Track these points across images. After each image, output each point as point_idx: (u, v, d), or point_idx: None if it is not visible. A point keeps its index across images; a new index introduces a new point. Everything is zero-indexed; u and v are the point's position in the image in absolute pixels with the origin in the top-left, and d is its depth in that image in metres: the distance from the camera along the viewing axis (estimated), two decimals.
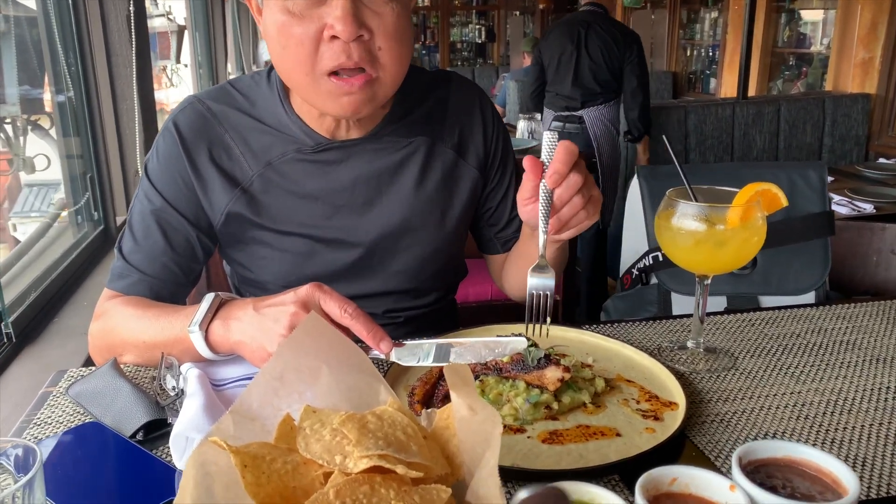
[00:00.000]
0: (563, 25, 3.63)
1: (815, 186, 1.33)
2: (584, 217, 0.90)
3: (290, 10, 0.90)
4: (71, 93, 2.16)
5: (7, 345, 1.40)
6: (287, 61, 0.94)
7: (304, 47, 0.91)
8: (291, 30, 0.91)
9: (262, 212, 1.06)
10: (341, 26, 0.88)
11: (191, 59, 5.35)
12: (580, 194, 0.88)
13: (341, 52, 0.90)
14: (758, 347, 1.02)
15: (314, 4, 0.89)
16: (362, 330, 0.80)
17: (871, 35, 3.96)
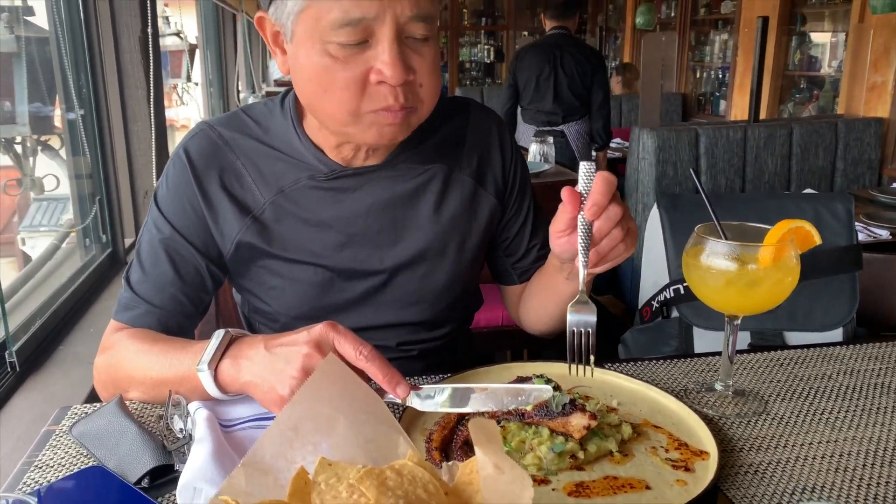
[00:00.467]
0: (536, 48, 3.98)
1: (842, 219, 1.29)
2: (622, 250, 0.87)
3: (332, 53, 0.88)
4: (82, 111, 2.15)
5: (10, 374, 1.36)
6: (328, 103, 0.91)
7: (350, 91, 0.89)
8: (335, 74, 0.88)
9: (273, 240, 1.03)
10: (390, 72, 0.86)
11: (201, 77, 5.38)
12: (619, 227, 0.85)
13: (388, 95, 0.89)
14: (788, 390, 0.98)
15: (359, 50, 0.87)
16: (378, 373, 0.77)
17: (884, 59, 3.94)
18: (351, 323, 1.06)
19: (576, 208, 0.85)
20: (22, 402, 1.31)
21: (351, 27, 0.85)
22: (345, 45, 0.87)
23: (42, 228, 2.65)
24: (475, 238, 1.11)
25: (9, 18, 2.02)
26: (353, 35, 0.86)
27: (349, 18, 0.85)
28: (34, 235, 2.66)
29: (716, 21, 5.78)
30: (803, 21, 4.80)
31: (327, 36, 0.87)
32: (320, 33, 0.87)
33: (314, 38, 0.88)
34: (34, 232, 2.65)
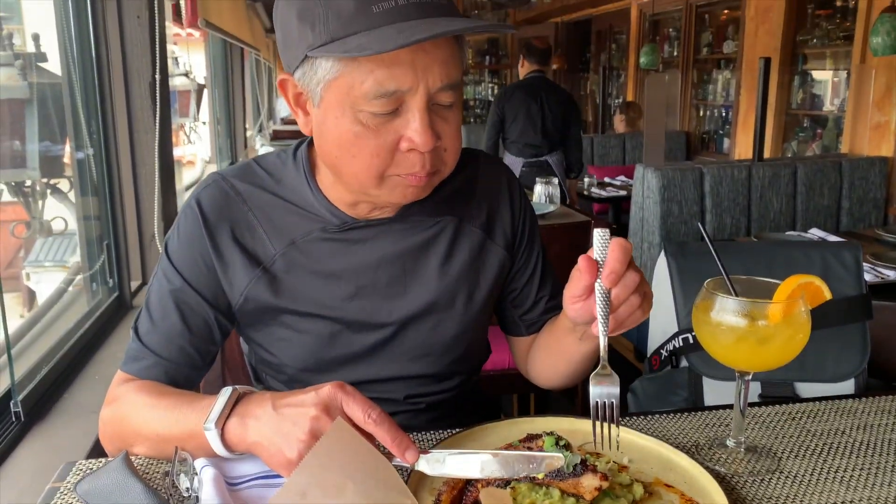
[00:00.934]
0: (523, 88, 4.47)
1: (850, 268, 1.29)
2: (639, 315, 0.88)
3: (363, 122, 0.89)
4: (91, 154, 2.17)
5: (15, 424, 1.36)
6: (355, 167, 0.93)
7: (380, 157, 0.91)
8: (366, 141, 0.90)
9: (283, 292, 1.03)
10: (420, 139, 0.89)
11: (209, 116, 5.44)
12: (637, 293, 0.85)
13: (416, 162, 0.91)
14: (800, 446, 0.97)
15: (390, 118, 0.89)
16: (387, 437, 0.76)
17: (887, 99, 3.97)
18: (359, 375, 1.06)
19: (593, 276, 0.85)
20: (26, 453, 1.29)
21: (385, 98, 0.87)
22: (376, 115, 0.88)
23: (47, 264, 2.66)
24: (484, 290, 1.11)
25: (22, 65, 2.06)
26: (386, 105, 0.87)
27: (383, 90, 0.86)
28: (39, 271, 2.68)
29: (718, 60, 5.85)
30: (805, 60, 4.85)
31: (359, 104, 0.88)
32: (352, 102, 0.88)
33: (345, 106, 0.89)
34: (39, 268, 2.66)
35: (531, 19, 9.23)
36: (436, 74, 0.88)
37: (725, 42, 5.66)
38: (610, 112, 6.58)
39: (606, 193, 4.48)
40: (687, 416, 1.06)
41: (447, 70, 0.89)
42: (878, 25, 3.28)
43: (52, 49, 2.12)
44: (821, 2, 4.71)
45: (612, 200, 4.47)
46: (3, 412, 1.36)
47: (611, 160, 5.51)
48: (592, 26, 8.27)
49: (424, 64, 0.87)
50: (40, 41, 2.21)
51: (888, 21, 3.25)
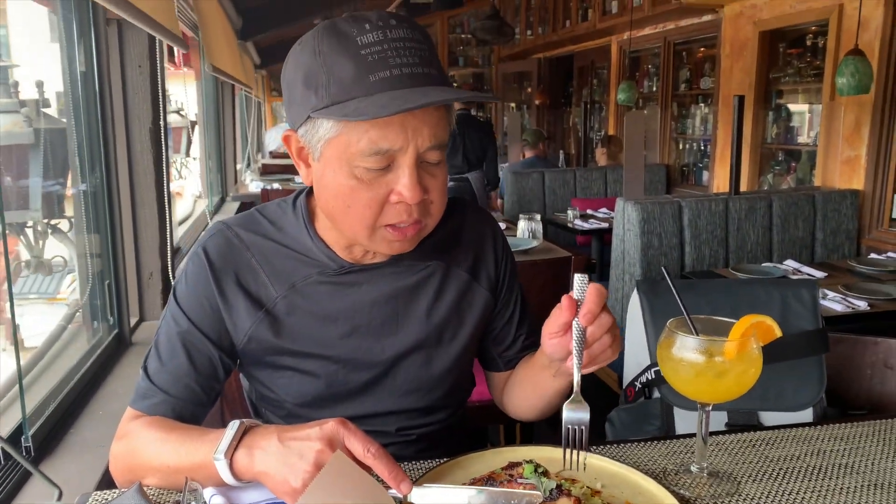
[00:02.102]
0: None
1: (807, 304, 1.39)
2: (609, 354, 0.98)
3: (358, 176, 0.99)
4: (93, 195, 2.26)
5: (26, 459, 1.42)
6: (350, 218, 1.03)
7: (371, 209, 1.01)
8: (360, 194, 1.00)
9: (283, 333, 1.12)
10: (409, 193, 0.99)
11: (200, 151, 5.53)
12: (609, 333, 0.96)
13: (403, 212, 1.01)
14: (759, 471, 1.06)
15: (382, 173, 0.99)
16: (384, 470, 0.85)
17: (856, 134, 4.13)
18: (354, 411, 1.15)
19: (572, 314, 0.95)
20: (37, 488, 1.35)
21: (378, 155, 0.97)
22: (370, 170, 0.98)
23: (31, 296, 2.71)
24: (469, 328, 1.20)
25: (28, 112, 2.15)
26: (379, 162, 0.98)
27: (377, 149, 0.97)
28: (23, 303, 2.72)
29: (696, 95, 6.04)
30: (779, 95, 5.03)
31: (355, 161, 0.98)
32: (349, 158, 0.98)
33: (342, 161, 0.99)
34: (23, 300, 2.71)
35: (514, 55, 9.45)
36: (425, 136, 0.98)
37: (703, 78, 5.85)
38: (592, 145, 6.74)
39: (589, 226, 4.60)
40: (657, 445, 1.15)
41: (435, 132, 0.99)
42: (842, 67, 3.45)
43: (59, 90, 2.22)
44: (792, 41, 4.90)
45: (595, 232, 4.58)
46: (15, 447, 1.42)
47: (593, 192, 5.65)
48: (574, 62, 8.47)
49: (414, 127, 0.97)
50: (44, 87, 2.30)
51: (852, 63, 3.41)
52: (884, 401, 1.48)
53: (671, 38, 6.13)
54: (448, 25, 10.30)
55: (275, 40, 7.43)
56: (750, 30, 4.98)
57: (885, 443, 1.14)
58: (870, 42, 3.84)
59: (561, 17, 7.54)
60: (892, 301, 2.79)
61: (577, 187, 5.63)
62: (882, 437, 1.16)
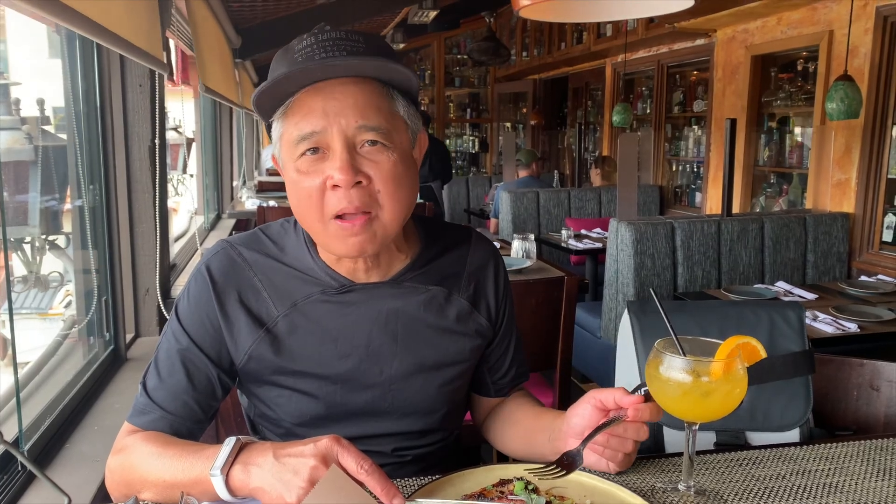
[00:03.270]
0: None
1: (794, 326, 1.42)
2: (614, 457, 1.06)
3: (299, 169, 1.05)
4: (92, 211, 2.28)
5: (21, 473, 1.43)
6: (301, 211, 1.07)
7: (312, 199, 1.04)
8: (301, 185, 1.05)
9: (283, 352, 1.13)
10: (340, 175, 1.01)
11: (197, 168, 5.55)
12: (633, 447, 1.05)
13: (343, 198, 1.03)
14: (745, 490, 1.08)
15: (318, 161, 1.04)
16: (377, 486, 0.86)
17: (846, 158, 4.19)
18: (351, 432, 1.16)
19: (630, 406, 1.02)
20: (34, 500, 1.36)
21: (306, 140, 1.03)
22: (306, 158, 1.03)
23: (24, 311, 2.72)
24: (468, 355, 1.22)
25: (28, 129, 2.18)
26: (308, 145, 1.03)
27: (303, 133, 1.02)
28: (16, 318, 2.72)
29: (689, 118, 6.11)
30: (771, 119, 5.09)
31: (292, 153, 1.05)
32: (290, 153, 1.05)
33: (288, 159, 1.06)
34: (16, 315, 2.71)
35: (510, 76, 9.55)
36: (348, 117, 1.02)
37: (696, 101, 5.92)
38: (586, 166, 6.80)
39: (583, 245, 4.63)
40: (645, 463, 1.16)
41: (361, 112, 1.03)
42: (832, 92, 3.50)
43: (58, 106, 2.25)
44: (783, 66, 4.98)
45: (589, 252, 4.62)
46: (11, 461, 1.43)
47: (587, 213, 5.69)
48: (569, 83, 8.57)
49: (335, 107, 1.02)
50: (45, 105, 2.33)
51: (841, 89, 3.47)
52: (869, 422, 1.51)
53: (665, 61, 6.21)
54: (445, 46, 10.41)
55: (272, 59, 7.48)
56: (742, 54, 5.06)
57: (870, 463, 1.16)
58: (859, 67, 3.91)
59: (556, 39, 7.64)
60: (881, 323, 2.82)
61: (571, 207, 5.67)
62: (866, 457, 1.18)
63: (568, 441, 1.06)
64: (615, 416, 1.03)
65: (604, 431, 1.03)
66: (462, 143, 10.86)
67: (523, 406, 1.28)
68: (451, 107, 10.75)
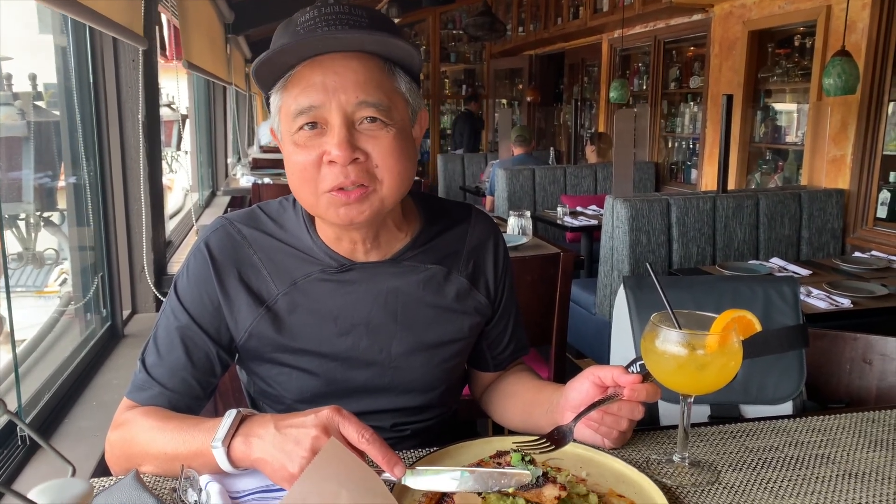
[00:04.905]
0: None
1: (788, 300, 1.43)
2: (608, 433, 1.07)
3: (296, 142, 1.04)
4: (86, 188, 2.27)
5: (21, 448, 1.44)
6: (296, 184, 1.07)
7: (308, 172, 1.04)
8: (298, 158, 1.04)
9: (284, 330, 1.14)
10: (337, 151, 1.00)
11: (191, 145, 5.52)
12: (629, 425, 1.07)
13: (340, 174, 1.02)
14: (739, 461, 1.09)
15: (316, 136, 1.03)
16: (378, 454, 0.87)
17: (842, 134, 4.19)
18: (350, 408, 1.16)
19: (628, 384, 1.03)
20: (33, 475, 1.37)
21: (304, 115, 1.02)
22: (304, 132, 1.03)
23: (19, 289, 2.72)
24: (467, 333, 1.22)
25: (21, 105, 2.16)
26: (306, 119, 1.02)
27: (301, 107, 1.01)
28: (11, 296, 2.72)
29: (685, 94, 6.09)
30: (767, 95, 5.08)
31: (291, 126, 1.04)
32: (288, 126, 1.04)
33: (286, 132, 1.05)
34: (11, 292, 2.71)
35: (506, 51, 9.48)
36: (348, 93, 1.01)
37: (692, 77, 5.90)
38: (582, 143, 6.78)
39: (578, 223, 4.64)
40: (641, 435, 1.18)
41: (362, 88, 1.02)
42: (829, 68, 3.49)
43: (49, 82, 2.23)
44: (780, 41, 4.96)
45: (584, 229, 4.62)
46: (11, 436, 1.44)
47: (583, 189, 5.69)
48: (565, 59, 8.51)
49: (334, 84, 1.01)
50: (37, 80, 2.31)
51: (839, 64, 3.46)
52: (861, 394, 1.53)
53: (661, 36, 6.17)
54: (440, 21, 10.32)
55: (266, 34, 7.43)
56: (739, 29, 5.03)
57: (861, 434, 1.18)
58: (856, 43, 3.89)
59: (552, 14, 7.58)
60: (875, 299, 2.84)
61: (567, 184, 5.67)
62: (858, 428, 1.20)
63: (565, 414, 1.08)
64: (612, 393, 1.04)
65: (599, 409, 1.04)
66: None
67: (522, 379, 1.29)
68: (446, 83, 10.68)
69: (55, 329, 2.14)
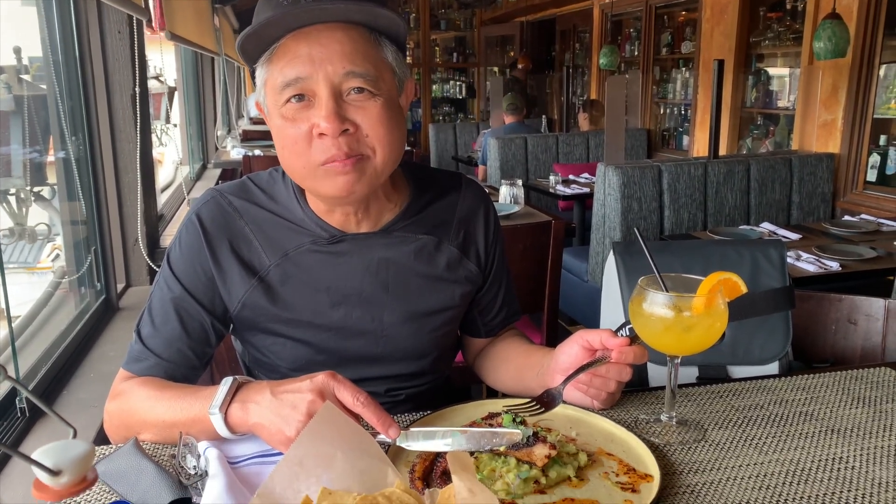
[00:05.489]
0: None
1: (775, 263, 1.45)
2: (596, 395, 1.09)
3: (284, 115, 1.04)
4: (76, 162, 2.26)
5: (21, 419, 1.46)
6: (287, 158, 1.07)
7: (299, 145, 1.03)
8: (287, 132, 1.04)
9: (277, 301, 1.15)
10: (326, 124, 1.01)
11: (180, 118, 5.48)
12: (616, 386, 1.08)
13: (331, 146, 1.02)
14: (725, 419, 1.12)
15: (304, 108, 1.03)
16: (373, 417, 0.89)
17: (833, 98, 4.19)
18: (344, 376, 1.19)
19: (615, 347, 1.05)
20: (34, 446, 1.39)
21: (291, 87, 1.01)
22: (291, 105, 1.02)
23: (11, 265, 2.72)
24: (458, 301, 1.24)
25: (7, 78, 2.14)
26: (293, 91, 1.01)
27: (287, 79, 1.01)
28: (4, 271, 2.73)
29: (677, 60, 6.06)
30: (759, 59, 5.06)
31: (278, 99, 1.03)
32: (275, 99, 1.04)
33: (273, 105, 1.05)
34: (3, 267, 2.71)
35: (497, 18, 9.38)
36: (335, 63, 1.01)
37: (684, 42, 5.87)
38: (574, 110, 6.76)
39: (570, 191, 4.65)
40: (631, 397, 1.20)
41: (349, 59, 1.01)
42: (819, 31, 3.48)
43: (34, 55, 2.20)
44: (772, 5, 4.93)
45: (577, 198, 4.63)
46: (10, 408, 1.45)
47: (575, 158, 5.68)
48: (557, 26, 8.45)
49: (321, 55, 1.01)
50: (22, 54, 2.28)
51: (829, 27, 3.45)
52: (846, 354, 1.56)
53: (652, 1, 6.12)
54: None
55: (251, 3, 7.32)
56: None
57: (844, 392, 1.20)
58: (848, 6, 3.87)
59: None
60: (863, 262, 2.87)
61: (559, 153, 5.66)
62: (841, 386, 1.22)
63: (555, 377, 1.10)
64: (601, 356, 1.06)
65: (588, 371, 1.06)
66: (448, 89, 10.72)
67: (514, 344, 1.31)
68: (436, 51, 10.58)
69: (50, 304, 2.15)
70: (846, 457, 1.01)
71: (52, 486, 0.65)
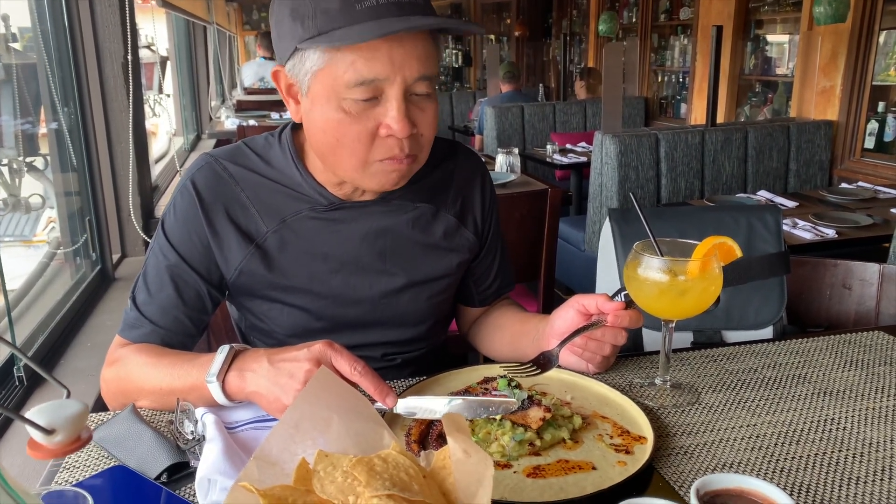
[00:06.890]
0: None
1: (771, 228, 1.45)
2: (592, 358, 1.10)
3: (346, 109, 0.99)
4: (68, 132, 2.24)
5: (19, 388, 1.46)
6: (341, 153, 1.04)
7: (361, 143, 1.01)
8: (348, 128, 1.00)
9: (275, 267, 1.14)
10: (398, 126, 0.99)
11: (173, 88, 5.42)
12: (612, 350, 1.09)
13: (395, 146, 1.02)
14: (719, 382, 1.13)
15: (370, 106, 1.00)
16: (370, 386, 0.90)
17: (832, 65, 4.15)
18: (341, 342, 1.19)
19: (610, 312, 1.05)
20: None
21: (364, 86, 0.97)
22: (357, 101, 0.98)
23: (7, 239, 2.72)
24: (454, 269, 1.24)
25: None
26: (365, 93, 0.98)
27: (362, 79, 0.97)
28: None
29: (675, 27, 5.99)
30: (758, 25, 5.01)
31: (342, 93, 0.98)
32: (336, 91, 0.99)
33: (330, 95, 0.99)
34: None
35: None
36: (412, 67, 0.98)
37: (682, 8, 5.80)
38: (572, 78, 6.70)
39: (568, 160, 4.62)
40: (625, 361, 1.21)
41: (423, 63, 0.99)
42: None
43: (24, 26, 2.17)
44: None
45: (574, 167, 4.61)
46: (7, 377, 1.46)
47: (572, 126, 5.65)
48: None
49: (401, 57, 0.97)
50: (9, 22, 2.25)
51: None
52: (840, 318, 1.56)
53: None
54: None
55: None
56: None
57: (837, 355, 1.21)
58: None
59: None
60: (859, 229, 2.87)
61: (556, 121, 5.62)
62: (834, 350, 1.23)
63: (550, 342, 1.10)
64: (596, 320, 1.06)
65: (583, 335, 1.06)
66: (445, 58, 10.61)
67: (509, 312, 1.32)
68: None
69: (46, 274, 2.15)
70: (838, 418, 1.02)
71: (47, 444, 0.65)
